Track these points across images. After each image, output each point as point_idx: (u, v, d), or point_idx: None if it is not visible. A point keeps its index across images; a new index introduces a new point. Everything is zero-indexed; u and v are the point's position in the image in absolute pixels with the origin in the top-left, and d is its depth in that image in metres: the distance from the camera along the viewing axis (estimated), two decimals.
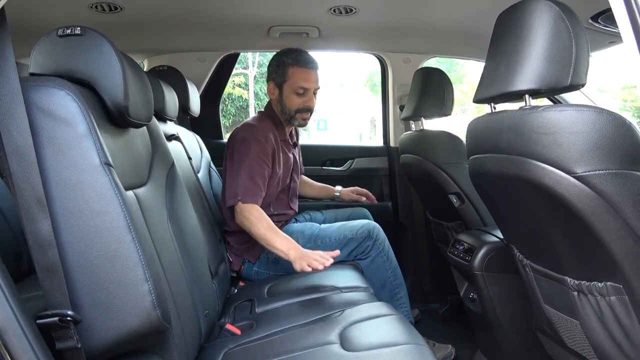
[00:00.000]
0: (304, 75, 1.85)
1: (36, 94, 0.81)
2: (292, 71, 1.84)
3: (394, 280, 1.85)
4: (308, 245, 1.77)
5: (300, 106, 1.87)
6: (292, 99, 1.86)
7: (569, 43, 1.00)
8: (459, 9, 1.89)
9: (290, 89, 1.86)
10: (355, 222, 1.91)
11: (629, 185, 0.90)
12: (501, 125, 1.12)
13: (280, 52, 1.90)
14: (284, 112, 1.89)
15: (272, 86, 1.89)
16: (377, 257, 1.84)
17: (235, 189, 1.71)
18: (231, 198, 1.72)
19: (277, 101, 1.90)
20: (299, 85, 1.85)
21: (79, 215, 0.80)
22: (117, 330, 0.80)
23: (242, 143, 1.78)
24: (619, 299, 0.99)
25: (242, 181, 1.72)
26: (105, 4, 1.78)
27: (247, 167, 1.74)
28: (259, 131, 1.82)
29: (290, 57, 1.85)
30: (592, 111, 0.93)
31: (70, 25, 0.95)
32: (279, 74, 1.86)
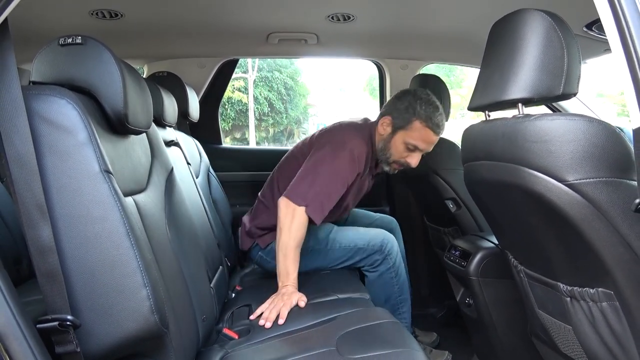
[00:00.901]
0: (427, 137, 1.69)
1: (38, 102, 0.82)
2: (417, 125, 1.68)
3: (399, 295, 1.78)
4: (317, 247, 1.75)
5: (401, 160, 1.73)
6: (400, 149, 1.71)
7: (561, 53, 1.02)
8: (456, 16, 1.91)
9: (403, 139, 1.70)
10: (371, 231, 1.81)
11: (618, 193, 0.92)
12: (495, 133, 1.13)
13: (415, 95, 1.71)
14: (383, 153, 1.74)
15: (388, 122, 1.72)
16: (385, 272, 1.76)
17: (308, 192, 1.56)
18: (298, 196, 1.56)
19: (382, 138, 1.73)
20: (413, 142, 1.69)
21: (79, 221, 0.81)
22: (115, 335, 0.82)
23: (341, 148, 1.63)
24: (610, 305, 1.01)
25: (320, 190, 1.57)
26: (106, 11, 1.80)
27: (333, 180, 1.60)
28: (359, 148, 1.67)
29: (423, 110, 1.67)
30: (583, 120, 0.94)
31: (72, 35, 0.97)
32: (403, 118, 1.69)
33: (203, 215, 1.76)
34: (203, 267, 1.43)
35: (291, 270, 1.52)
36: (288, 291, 1.48)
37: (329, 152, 1.63)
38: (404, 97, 1.72)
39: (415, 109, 1.67)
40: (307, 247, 1.69)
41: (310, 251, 1.76)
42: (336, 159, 1.61)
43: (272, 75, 16.37)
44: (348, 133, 1.70)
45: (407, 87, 2.20)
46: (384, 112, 1.75)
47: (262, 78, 16.33)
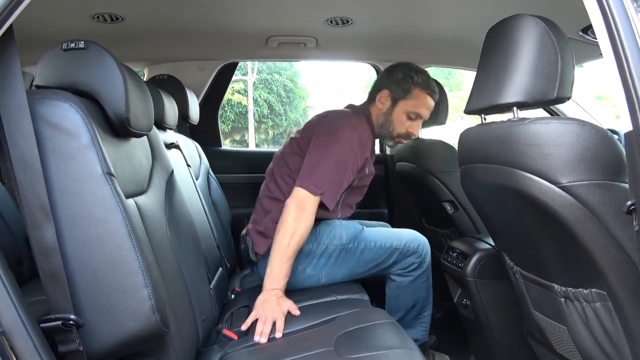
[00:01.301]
0: (427, 103, 1.71)
1: (42, 106, 0.84)
2: (418, 93, 1.69)
3: (425, 299, 1.72)
4: (351, 245, 1.64)
5: (404, 130, 1.72)
6: (402, 120, 1.70)
7: (555, 58, 1.04)
8: (453, 20, 1.93)
9: (405, 109, 1.69)
10: (404, 231, 1.74)
11: (610, 195, 0.93)
12: (490, 136, 1.15)
13: (408, 66, 1.73)
14: (385, 127, 1.72)
15: (386, 96, 1.71)
16: (419, 277, 1.68)
17: (322, 179, 1.50)
18: (312, 184, 1.49)
19: (382, 113, 1.72)
20: (416, 110, 1.70)
21: (82, 223, 0.83)
22: (117, 334, 0.83)
23: (345, 131, 1.58)
24: (603, 305, 1.02)
25: (331, 177, 1.52)
26: (107, 15, 1.82)
27: (342, 165, 1.54)
28: (364, 129, 1.64)
29: (420, 77, 1.70)
30: (576, 124, 0.96)
31: (74, 39, 0.99)
32: (402, 89, 1.69)
33: (203, 217, 1.78)
34: (203, 268, 1.44)
35: (284, 274, 1.46)
36: (276, 297, 1.42)
37: (335, 137, 1.57)
38: (396, 70, 1.73)
39: (412, 77, 1.69)
40: (335, 248, 1.61)
41: (340, 252, 1.63)
42: (344, 142, 1.56)
43: (272, 78, 16.41)
44: (349, 116, 1.67)
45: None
46: (380, 87, 1.73)
47: (261, 80, 16.37)
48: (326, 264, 1.60)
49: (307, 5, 1.77)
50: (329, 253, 1.62)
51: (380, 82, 1.76)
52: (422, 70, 1.74)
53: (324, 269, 1.60)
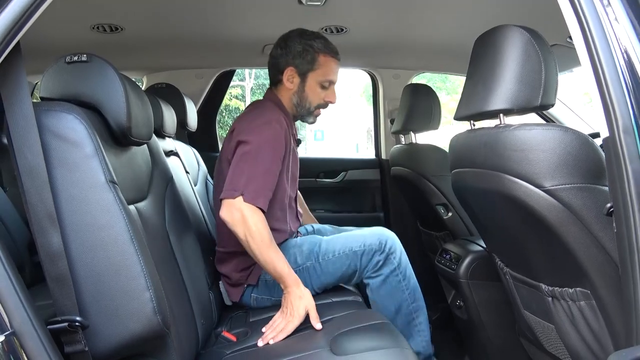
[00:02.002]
0: (334, 66, 1.60)
1: (47, 117, 0.88)
2: (323, 60, 1.57)
3: (411, 302, 1.55)
4: (308, 263, 1.55)
5: (322, 101, 1.62)
6: (317, 92, 1.59)
7: (539, 67, 1.08)
8: (444, 28, 1.98)
9: (316, 80, 1.58)
10: (364, 230, 1.61)
11: (592, 198, 0.98)
12: (478, 142, 1.20)
13: (302, 34, 1.59)
14: (302, 105, 1.61)
15: (292, 73, 1.58)
16: (390, 275, 1.52)
17: (238, 181, 1.39)
18: (229, 190, 1.39)
19: (294, 91, 1.60)
20: (328, 78, 1.59)
21: (87, 229, 0.87)
22: (121, 335, 0.87)
23: (252, 130, 1.48)
24: (588, 303, 1.06)
25: (248, 173, 1.40)
26: (107, 25, 1.87)
27: (256, 158, 1.43)
28: (273, 116, 1.52)
29: (319, 43, 1.57)
30: (558, 130, 1.01)
31: (78, 53, 1.03)
32: (306, 61, 1.56)
33: (202, 222, 1.81)
34: (202, 273, 1.48)
35: (280, 268, 1.38)
36: (294, 296, 1.36)
37: (249, 138, 1.46)
38: (292, 42, 1.58)
39: (312, 45, 1.57)
40: (294, 268, 1.47)
41: (300, 273, 1.52)
42: (252, 136, 1.46)
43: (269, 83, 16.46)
44: (256, 115, 1.55)
45: (399, 95, 2.27)
46: (281, 66, 1.59)
47: (259, 85, 16.42)
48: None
49: (302, 14, 1.82)
50: None
51: (280, 61, 1.59)
52: (316, 33, 1.62)
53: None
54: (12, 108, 0.82)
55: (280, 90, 1.63)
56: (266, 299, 1.60)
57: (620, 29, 0.86)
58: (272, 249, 1.39)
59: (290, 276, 1.39)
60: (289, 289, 1.38)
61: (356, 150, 17.10)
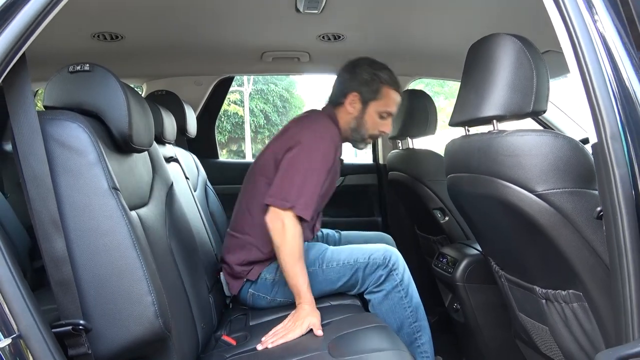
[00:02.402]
0: (396, 99, 1.67)
1: (52, 126, 0.91)
2: (386, 91, 1.64)
3: (414, 321, 1.56)
4: (311, 269, 1.57)
5: (376, 131, 1.68)
6: (375, 121, 1.65)
7: (530, 74, 1.11)
8: (440, 35, 2.01)
9: (376, 109, 1.64)
10: (370, 245, 1.67)
11: (582, 202, 1.00)
12: (472, 148, 1.22)
13: (372, 64, 1.67)
14: (358, 130, 1.67)
15: (356, 98, 1.64)
16: (392, 291, 1.55)
17: (289, 191, 1.46)
18: (280, 199, 1.46)
19: (353, 116, 1.65)
20: (388, 109, 1.65)
21: (90, 234, 0.89)
22: (123, 338, 0.89)
23: (310, 140, 1.53)
24: (580, 305, 1.09)
25: (300, 185, 1.47)
26: (107, 33, 1.89)
27: (308, 170, 1.49)
28: (330, 131, 1.58)
29: (385, 74, 1.65)
30: (550, 136, 1.04)
31: (80, 62, 1.05)
32: (371, 89, 1.63)
33: (201, 228, 1.83)
34: (202, 277, 1.50)
35: (301, 284, 1.43)
36: (303, 312, 1.39)
37: (305, 147, 1.52)
38: (360, 69, 1.65)
39: (380, 76, 1.63)
40: None
41: None
42: (311, 147, 1.52)
43: (268, 88, 16.52)
44: (316, 125, 1.61)
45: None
46: (346, 90, 1.65)
47: (257, 91, 16.48)
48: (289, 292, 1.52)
49: (300, 22, 1.85)
50: None
51: (344, 84, 1.67)
52: (384, 65, 1.68)
53: (292, 295, 1.51)
54: (17, 117, 0.85)
55: (339, 111, 1.68)
56: (262, 297, 1.63)
57: (608, 39, 0.89)
58: (300, 264, 1.46)
59: (307, 295, 1.44)
60: (302, 305, 1.42)
61: (355, 154, 17.16)
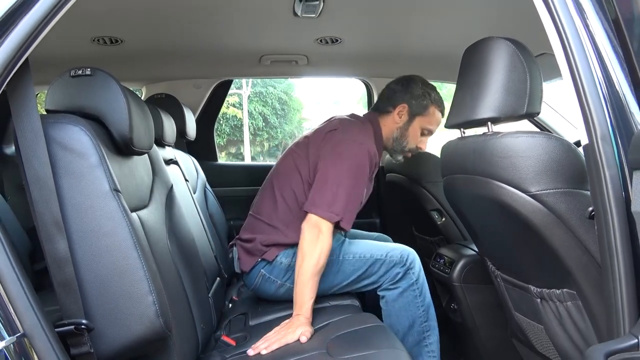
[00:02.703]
0: (439, 119, 1.76)
1: (54, 129, 0.92)
2: (433, 110, 1.73)
3: (424, 321, 1.58)
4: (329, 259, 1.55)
5: (414, 145, 1.75)
6: (416, 135, 1.73)
7: (524, 77, 1.13)
8: (436, 38, 2.03)
9: (420, 125, 1.72)
10: (387, 243, 1.70)
11: (575, 202, 1.02)
12: (468, 149, 1.24)
13: (423, 82, 1.75)
14: (400, 141, 1.73)
15: (404, 110, 1.71)
16: (407, 289, 1.57)
17: (337, 204, 1.48)
18: (328, 211, 1.47)
19: (399, 126, 1.72)
20: (430, 127, 1.74)
21: (92, 235, 0.91)
22: (124, 337, 0.91)
23: (359, 151, 1.55)
24: (574, 304, 1.11)
25: (346, 202, 1.49)
26: (107, 38, 1.91)
27: (355, 187, 1.52)
28: (371, 146, 1.60)
29: (435, 95, 1.73)
30: (542, 137, 1.06)
31: (82, 67, 1.07)
32: (420, 105, 1.71)
33: (201, 229, 1.85)
34: (202, 278, 1.52)
35: (307, 299, 1.42)
36: (298, 323, 1.39)
37: (346, 157, 1.54)
38: (413, 84, 1.72)
39: (431, 95, 1.71)
40: None
41: None
42: (354, 158, 1.54)
43: (267, 91, 16.56)
44: (357, 132, 1.64)
45: None
46: (396, 101, 1.71)
47: (256, 93, 16.51)
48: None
49: (297, 26, 1.87)
50: None
51: (396, 96, 1.73)
52: (434, 86, 1.77)
53: None
54: (20, 120, 0.86)
55: (384, 119, 1.74)
56: (273, 280, 1.62)
57: (598, 42, 0.91)
58: (316, 278, 1.45)
59: (309, 310, 1.43)
60: (299, 317, 1.41)
61: None
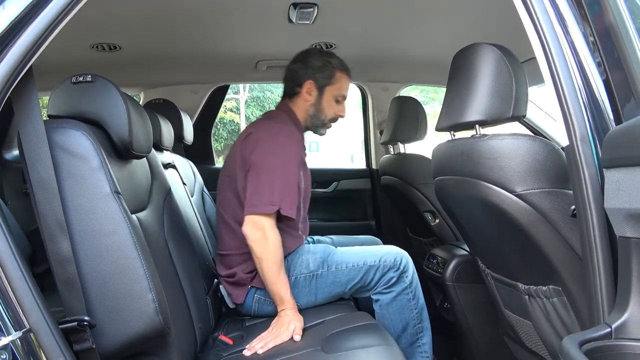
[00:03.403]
0: (347, 83, 1.73)
1: (57, 134, 0.96)
2: (339, 76, 1.69)
3: (418, 322, 1.59)
4: (320, 271, 1.59)
5: (335, 115, 1.72)
6: (332, 105, 1.70)
7: (510, 81, 1.17)
8: (429, 43, 2.08)
9: (332, 94, 1.68)
10: (380, 247, 1.69)
11: (559, 201, 1.06)
12: (457, 151, 1.29)
13: (321, 52, 1.74)
14: (317, 117, 1.70)
15: (311, 86, 1.67)
16: (401, 293, 1.57)
17: (271, 194, 1.46)
18: (264, 205, 1.45)
19: (311, 103, 1.69)
20: (342, 93, 1.71)
21: (93, 236, 0.95)
22: (125, 333, 0.94)
23: (280, 139, 1.55)
24: (560, 300, 1.14)
25: (280, 185, 1.47)
26: (106, 44, 1.95)
27: (287, 172, 1.51)
28: (290, 128, 1.61)
29: (336, 60, 1.69)
30: (527, 140, 1.10)
31: (82, 73, 1.11)
32: (325, 75, 1.67)
33: (198, 232, 1.88)
34: (199, 279, 1.55)
35: (284, 292, 1.46)
36: (287, 318, 1.42)
37: (275, 151, 1.53)
38: (312, 58, 1.68)
39: (332, 62, 1.68)
40: (305, 277, 1.58)
41: (310, 279, 1.59)
42: (277, 147, 1.54)
43: (264, 95, 16.59)
44: (272, 124, 1.65)
45: (388, 107, 2.36)
46: (300, 79, 1.67)
47: (253, 98, 16.55)
48: (300, 292, 1.58)
49: (292, 32, 1.91)
50: (300, 283, 1.59)
51: (299, 74, 1.69)
52: (332, 52, 1.74)
53: (300, 298, 1.57)
54: (25, 126, 0.90)
55: (296, 102, 1.71)
56: (269, 301, 1.58)
57: (578, 50, 0.96)
58: (282, 273, 1.47)
59: (291, 300, 1.46)
60: (285, 311, 1.44)
61: (351, 161, 17.20)
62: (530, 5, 0.98)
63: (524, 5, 0.99)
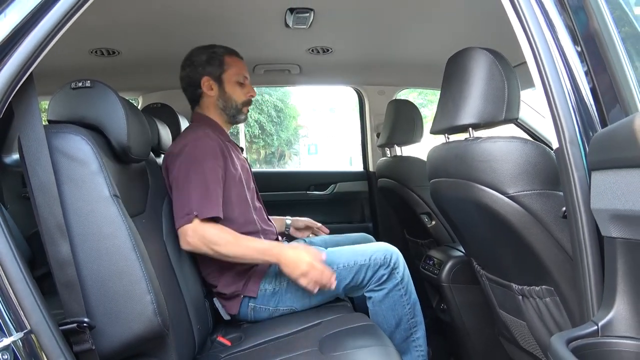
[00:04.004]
0: (241, 64, 1.72)
1: (57, 139, 0.98)
2: (229, 60, 1.68)
3: (411, 317, 1.60)
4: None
5: (245, 98, 1.71)
6: (237, 90, 1.69)
7: (502, 85, 1.19)
8: (425, 46, 2.11)
9: (231, 80, 1.68)
10: (369, 245, 1.69)
11: (550, 203, 1.08)
12: (451, 154, 1.31)
13: (201, 47, 1.71)
14: (229, 106, 1.69)
15: (209, 82, 1.66)
16: (393, 289, 1.57)
17: (187, 203, 1.44)
18: (183, 217, 1.43)
19: (217, 97, 1.68)
20: (241, 74, 1.70)
21: (93, 238, 0.96)
22: (124, 335, 0.96)
23: (180, 153, 1.52)
24: (552, 300, 1.16)
25: (193, 192, 1.45)
26: (104, 49, 1.97)
27: (195, 174, 1.47)
28: (197, 133, 1.58)
29: (220, 48, 1.69)
30: (519, 142, 1.12)
31: (82, 79, 1.13)
32: (215, 66, 1.66)
33: None
34: (198, 282, 1.56)
35: (258, 247, 1.48)
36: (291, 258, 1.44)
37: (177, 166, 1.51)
38: (195, 57, 1.69)
39: (215, 51, 1.68)
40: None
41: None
42: (188, 153, 1.52)
43: (262, 98, 16.62)
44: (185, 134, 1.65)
45: (384, 111, 2.38)
46: (194, 82, 1.67)
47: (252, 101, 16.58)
48: (294, 296, 1.58)
49: (289, 37, 1.93)
50: (292, 287, 1.57)
51: (191, 78, 1.68)
52: (212, 44, 1.72)
53: (295, 302, 1.58)
54: (25, 130, 0.92)
55: (203, 104, 1.71)
56: (264, 309, 1.60)
57: (567, 55, 0.98)
58: (241, 240, 1.48)
59: (275, 247, 1.49)
60: (281, 255, 1.46)
61: (350, 163, 17.25)
62: (520, 12, 1.00)
63: (514, 11, 1.02)
